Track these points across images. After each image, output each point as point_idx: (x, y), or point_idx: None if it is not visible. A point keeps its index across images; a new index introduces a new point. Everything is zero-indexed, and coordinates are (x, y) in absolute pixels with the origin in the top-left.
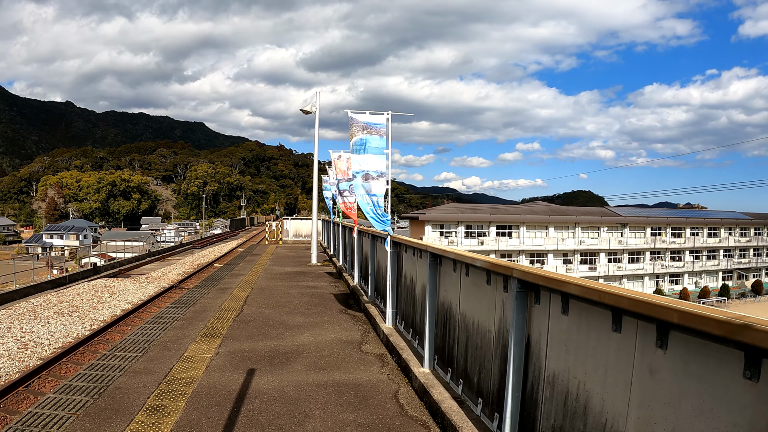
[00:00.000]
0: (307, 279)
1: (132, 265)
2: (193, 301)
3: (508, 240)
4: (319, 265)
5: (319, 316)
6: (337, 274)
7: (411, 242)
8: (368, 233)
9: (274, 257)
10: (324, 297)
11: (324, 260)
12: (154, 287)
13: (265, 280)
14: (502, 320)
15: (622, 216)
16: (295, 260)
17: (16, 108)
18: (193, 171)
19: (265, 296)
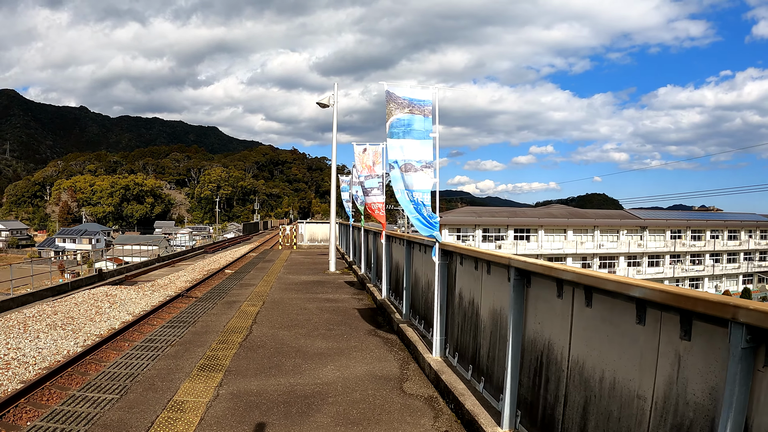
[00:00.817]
0: (326, 290)
1: (140, 270)
2: (194, 317)
3: (526, 244)
4: (337, 273)
5: (344, 339)
6: (359, 284)
7: (474, 252)
8: (402, 239)
9: (289, 264)
10: (347, 313)
11: (343, 268)
12: (159, 296)
13: (279, 291)
14: (674, 385)
15: (642, 219)
16: (311, 267)
17: (30, 113)
18: (206, 175)
19: (278, 312)
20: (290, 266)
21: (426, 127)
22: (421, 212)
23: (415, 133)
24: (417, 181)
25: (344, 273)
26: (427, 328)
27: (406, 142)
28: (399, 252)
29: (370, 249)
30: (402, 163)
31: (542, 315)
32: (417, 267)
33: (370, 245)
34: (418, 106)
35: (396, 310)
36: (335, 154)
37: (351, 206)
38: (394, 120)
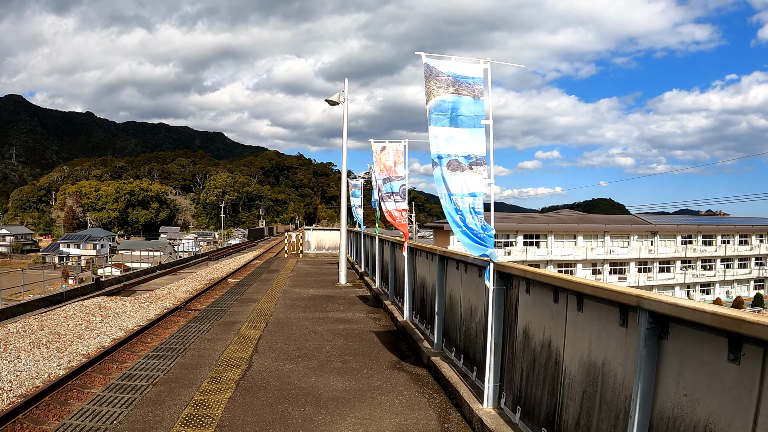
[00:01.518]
0: (337, 306)
1: (140, 279)
2: (186, 342)
3: (536, 250)
4: (348, 285)
5: (364, 375)
6: (374, 299)
7: (551, 278)
8: (431, 254)
9: (295, 275)
10: (364, 338)
11: (354, 279)
12: (156, 308)
13: (284, 308)
14: None
15: (652, 224)
16: (319, 279)
17: (37, 118)
18: (212, 180)
19: (283, 337)
20: (296, 277)
21: (476, 111)
22: (468, 224)
23: (462, 120)
24: (464, 183)
25: (356, 286)
26: (469, 365)
27: (452, 132)
28: (427, 268)
29: (386, 261)
30: (446, 160)
31: (694, 383)
32: (453, 288)
33: (386, 256)
34: (465, 85)
35: (423, 336)
36: (345, 156)
37: (362, 212)
38: (435, 103)
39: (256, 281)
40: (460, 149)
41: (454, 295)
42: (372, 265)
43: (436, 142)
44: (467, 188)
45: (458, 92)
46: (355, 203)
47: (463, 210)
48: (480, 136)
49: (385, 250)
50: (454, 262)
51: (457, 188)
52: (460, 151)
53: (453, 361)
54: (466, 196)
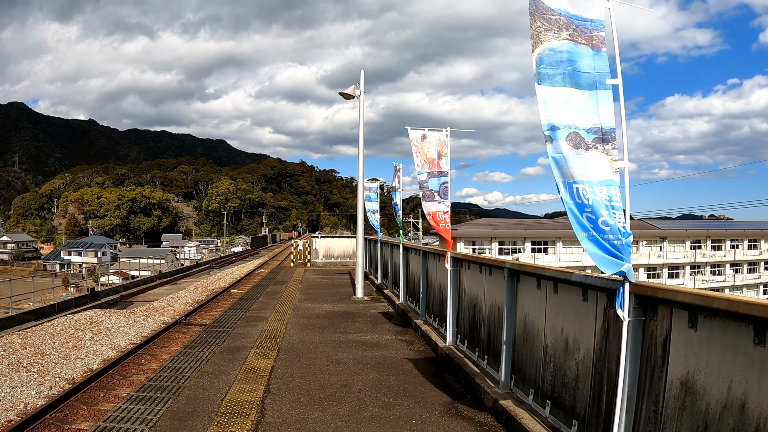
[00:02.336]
0: (358, 326)
1: (138, 289)
2: (181, 377)
3: (544, 256)
4: (366, 299)
5: (415, 428)
6: (400, 317)
7: (744, 304)
8: (494, 267)
9: (305, 287)
10: (399, 369)
11: (371, 292)
12: (153, 323)
13: (298, 329)
14: None
15: (661, 229)
16: (332, 291)
17: (39, 126)
18: (214, 188)
19: (301, 369)
20: (307, 289)
21: (598, 67)
22: (600, 226)
23: (580, 78)
24: (587, 167)
25: (374, 299)
26: (564, 418)
27: (569, 94)
28: (481, 284)
29: (414, 273)
30: (564, 132)
31: None
32: (529, 312)
33: (414, 268)
34: (582, 30)
35: (477, 368)
36: (362, 154)
37: (378, 218)
38: (543, 51)
39: (263, 294)
40: (580, 119)
41: (531, 322)
42: (393, 276)
43: (546, 107)
44: (597, 174)
45: (573, 39)
46: (371, 208)
47: (595, 205)
48: (606, 101)
49: (413, 261)
50: (532, 279)
51: (583, 173)
52: (581, 122)
53: (533, 407)
54: (598, 185)
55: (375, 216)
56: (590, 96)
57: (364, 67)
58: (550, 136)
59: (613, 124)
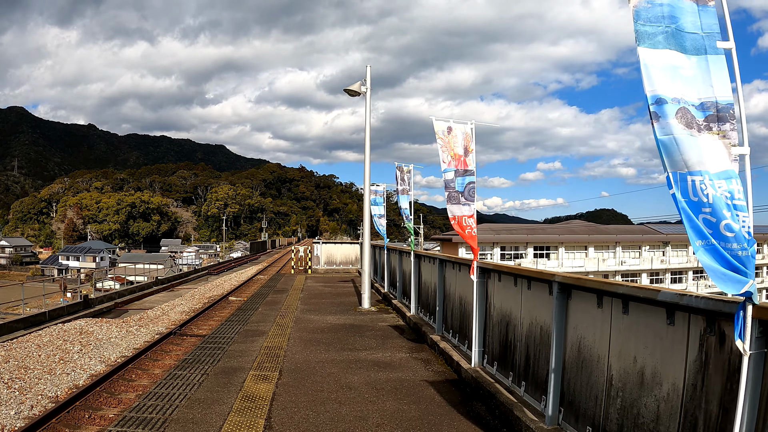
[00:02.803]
0: (368, 342)
1: (134, 296)
2: (168, 405)
3: (547, 261)
4: (374, 310)
5: None
6: (412, 331)
7: None
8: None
9: (306, 295)
10: (420, 396)
11: (377, 302)
12: (146, 334)
13: (301, 345)
14: None
15: (664, 234)
16: (335, 301)
17: (39, 130)
18: (213, 193)
19: (307, 397)
20: (309, 298)
21: (705, 25)
22: (718, 230)
23: (684, 40)
24: (701, 153)
25: (382, 310)
26: None
27: (673, 58)
28: (513, 297)
29: (428, 283)
30: (674, 108)
31: None
32: (585, 334)
33: (428, 277)
34: None
35: (511, 395)
36: (368, 155)
37: (385, 223)
38: (640, 4)
39: (262, 304)
40: (688, 91)
41: (588, 347)
42: (402, 285)
43: (649, 75)
44: (715, 163)
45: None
46: (377, 213)
47: (715, 203)
48: (719, 69)
49: (427, 270)
50: (589, 296)
51: (699, 161)
52: (689, 95)
53: None
54: (717, 177)
55: (381, 221)
56: (699, 62)
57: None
58: (656, 113)
59: (731, 99)
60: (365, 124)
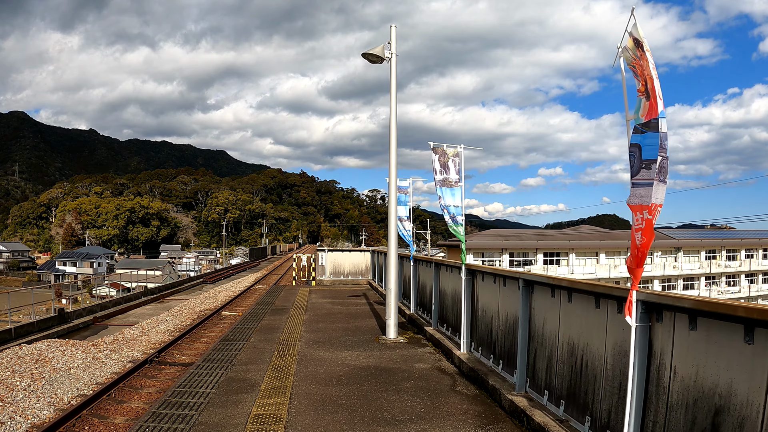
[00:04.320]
0: (410, 404)
1: (118, 308)
2: None
3: (557, 268)
4: (402, 342)
5: None
6: (466, 378)
7: None
8: None
9: (312, 317)
10: None
11: (401, 324)
12: (116, 362)
13: (310, 413)
14: None
15: (676, 239)
16: (349, 325)
17: (40, 135)
18: (214, 198)
19: None
20: (315, 322)
21: None
22: None
23: None
24: None
25: (413, 340)
26: None
27: None
28: None
29: (486, 308)
30: None
31: None
32: None
33: (487, 302)
34: None
35: None
36: (394, 136)
37: (411, 228)
38: None
39: (255, 331)
40: None
41: None
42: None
43: None
44: None
45: None
46: (402, 215)
47: None
48: None
49: (487, 292)
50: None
51: None
52: None
53: None
54: None
55: (406, 225)
56: None
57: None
58: None
59: None
60: (390, 97)
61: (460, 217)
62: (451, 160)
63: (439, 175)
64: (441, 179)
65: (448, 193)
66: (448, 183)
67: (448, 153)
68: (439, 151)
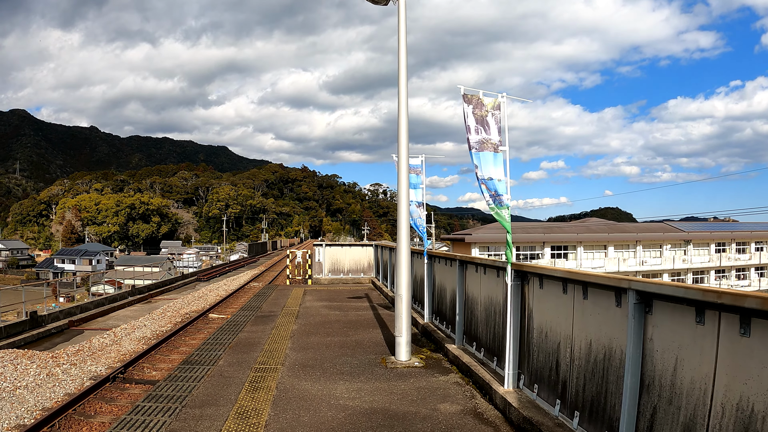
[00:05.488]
0: None
1: (99, 310)
2: None
3: (565, 262)
4: (417, 366)
5: None
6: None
7: None
8: None
9: (303, 326)
10: None
11: (412, 335)
12: (74, 378)
13: None
14: None
15: (685, 232)
16: (348, 339)
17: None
18: (214, 193)
19: None
20: (306, 334)
21: None
22: None
23: None
24: None
25: (431, 364)
26: None
27: None
28: None
29: (551, 332)
30: None
31: None
32: None
33: (555, 322)
34: None
35: None
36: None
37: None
38: None
39: (228, 348)
40: None
41: None
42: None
43: None
44: None
45: None
46: (414, 200)
47: None
48: None
49: (552, 305)
50: None
51: None
52: None
53: None
54: None
55: (420, 212)
56: None
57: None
58: None
59: None
60: (399, 45)
61: (505, 196)
62: (491, 114)
63: (475, 135)
64: (478, 141)
65: (488, 160)
66: (487, 146)
67: (486, 104)
68: (473, 101)
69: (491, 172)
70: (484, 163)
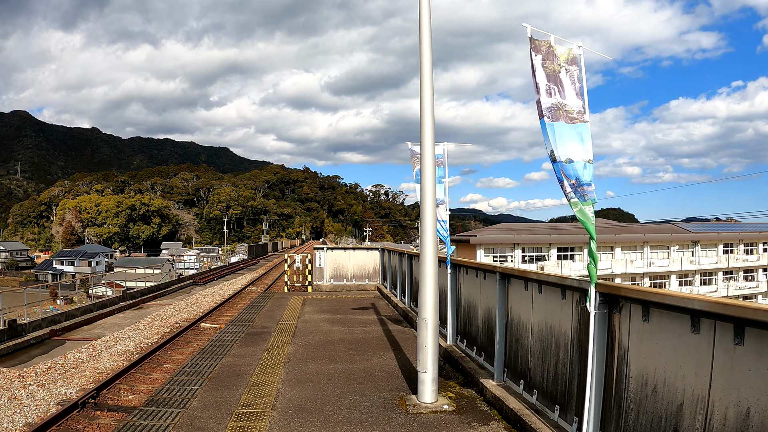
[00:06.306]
0: None
1: (86, 317)
2: None
3: (572, 264)
4: (447, 411)
5: None
6: None
7: None
8: None
9: (300, 347)
10: None
11: (448, 387)
12: (40, 404)
13: None
14: None
15: (693, 233)
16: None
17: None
18: (215, 194)
19: None
20: (304, 361)
21: None
22: None
23: None
24: None
25: (464, 408)
26: None
27: None
28: None
29: (662, 385)
30: None
31: None
32: None
33: (677, 369)
34: None
35: None
36: (428, 49)
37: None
38: None
39: (207, 381)
40: None
41: None
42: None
43: None
44: None
45: None
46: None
47: None
48: None
49: (724, 366)
50: None
51: None
52: None
53: None
54: None
55: (441, 213)
56: None
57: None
58: None
59: None
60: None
61: (588, 188)
62: (565, 70)
63: (547, 98)
64: (551, 105)
65: (566, 133)
66: (563, 113)
67: (559, 56)
68: (542, 49)
69: (569, 151)
70: (561, 137)
